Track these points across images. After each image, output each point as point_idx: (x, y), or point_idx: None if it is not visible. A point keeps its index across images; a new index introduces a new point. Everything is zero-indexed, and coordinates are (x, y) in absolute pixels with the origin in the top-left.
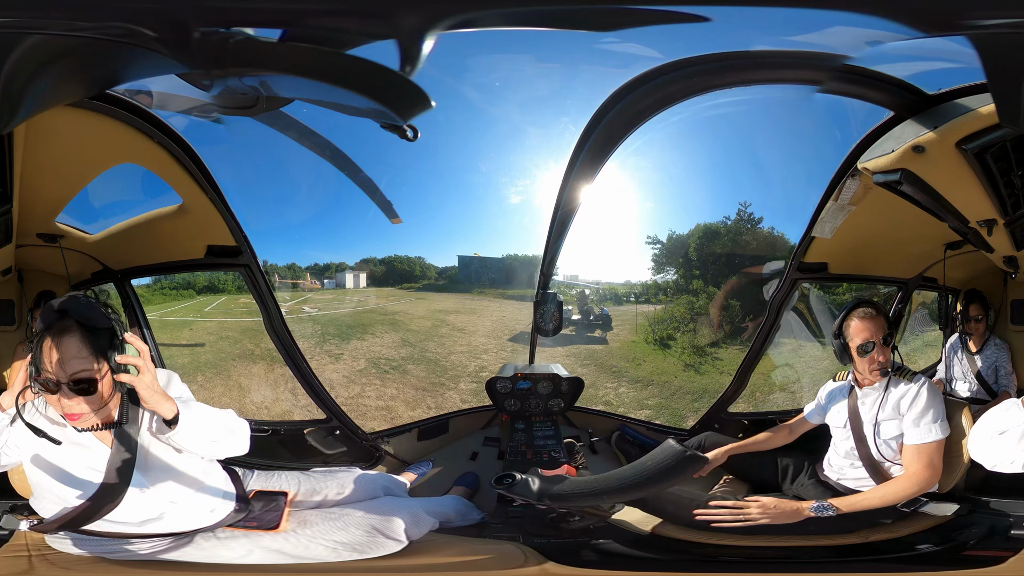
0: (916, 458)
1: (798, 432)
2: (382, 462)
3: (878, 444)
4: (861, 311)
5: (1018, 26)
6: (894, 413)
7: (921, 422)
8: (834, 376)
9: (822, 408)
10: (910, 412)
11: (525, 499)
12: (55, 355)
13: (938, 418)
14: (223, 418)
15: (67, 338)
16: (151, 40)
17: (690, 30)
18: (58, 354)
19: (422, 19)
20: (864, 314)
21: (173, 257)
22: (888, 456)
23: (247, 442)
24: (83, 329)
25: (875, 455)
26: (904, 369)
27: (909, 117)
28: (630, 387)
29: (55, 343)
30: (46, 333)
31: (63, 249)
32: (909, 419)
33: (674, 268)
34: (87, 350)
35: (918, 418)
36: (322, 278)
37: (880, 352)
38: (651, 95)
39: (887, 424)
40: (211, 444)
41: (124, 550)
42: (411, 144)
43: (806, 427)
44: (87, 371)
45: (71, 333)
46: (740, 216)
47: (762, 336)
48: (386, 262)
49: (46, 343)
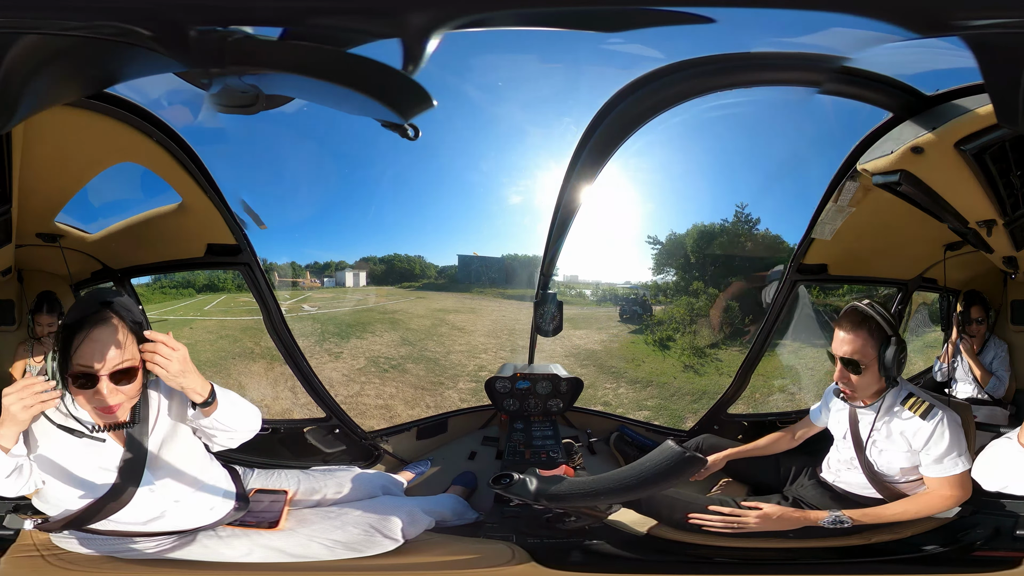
0: (945, 486)
1: (802, 437)
2: (381, 461)
3: (877, 463)
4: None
5: (1014, 26)
6: (902, 444)
7: (945, 460)
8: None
9: (826, 411)
10: (928, 451)
11: (522, 499)
12: (95, 347)
13: (963, 452)
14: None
15: (109, 328)
16: (148, 39)
17: (692, 31)
18: (100, 345)
19: (430, 18)
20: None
21: (173, 256)
22: (889, 473)
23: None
24: (122, 320)
25: (875, 468)
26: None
27: (908, 118)
28: (629, 388)
29: (95, 335)
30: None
31: (63, 249)
32: (929, 458)
33: (674, 269)
34: (129, 340)
35: (941, 457)
36: (322, 276)
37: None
38: (653, 96)
39: (890, 453)
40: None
41: (130, 549)
42: (412, 143)
43: (811, 431)
44: (130, 360)
45: (112, 323)
46: (738, 217)
47: (762, 337)
48: (386, 261)
49: (82, 335)
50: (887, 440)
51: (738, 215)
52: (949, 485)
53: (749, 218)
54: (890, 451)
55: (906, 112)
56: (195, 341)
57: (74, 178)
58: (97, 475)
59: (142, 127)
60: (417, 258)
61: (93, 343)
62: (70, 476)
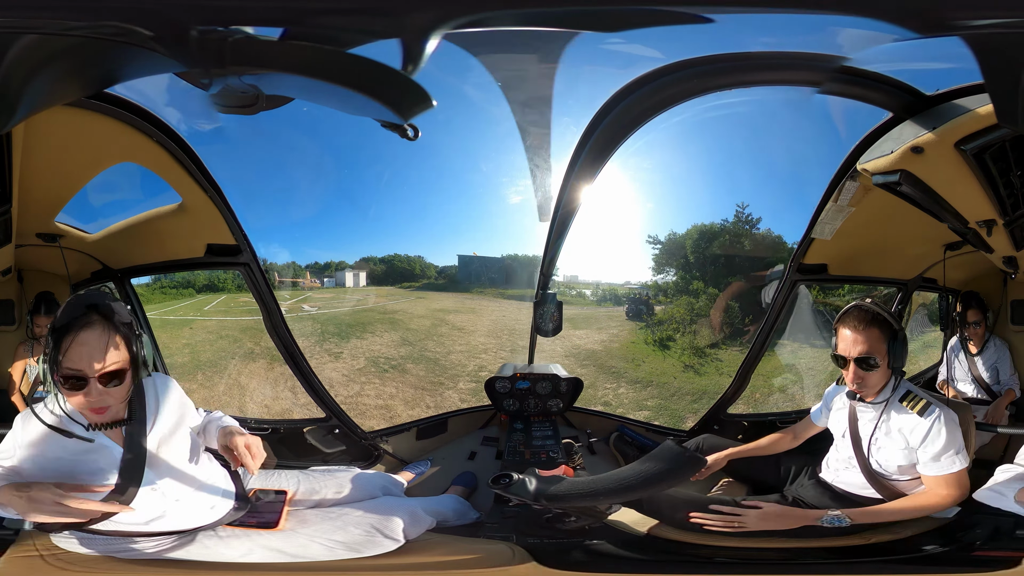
0: (942, 484)
1: (802, 437)
2: (381, 461)
3: (876, 462)
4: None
5: (1014, 26)
6: (900, 440)
7: (942, 457)
8: (838, 379)
9: (827, 411)
10: (925, 448)
11: (522, 499)
12: (83, 350)
13: (960, 450)
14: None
15: (96, 331)
16: (148, 39)
17: (692, 31)
18: (88, 348)
19: (430, 18)
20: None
21: (173, 256)
22: (887, 471)
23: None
24: (110, 322)
25: (874, 467)
26: (914, 396)
27: (908, 118)
28: (629, 388)
29: (83, 338)
30: (71, 328)
31: (63, 249)
32: (926, 456)
33: (674, 269)
34: (117, 342)
35: (938, 455)
36: (322, 277)
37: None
38: (652, 96)
39: (888, 450)
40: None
41: (130, 549)
42: (412, 143)
43: (812, 431)
44: (118, 362)
45: (99, 326)
46: (738, 217)
47: (762, 337)
48: (386, 261)
49: (70, 338)
50: (886, 437)
51: (738, 215)
52: (946, 484)
53: (750, 218)
54: (888, 448)
55: (906, 112)
56: (195, 341)
57: (74, 178)
58: (98, 476)
59: (142, 127)
60: (417, 258)
61: (81, 346)
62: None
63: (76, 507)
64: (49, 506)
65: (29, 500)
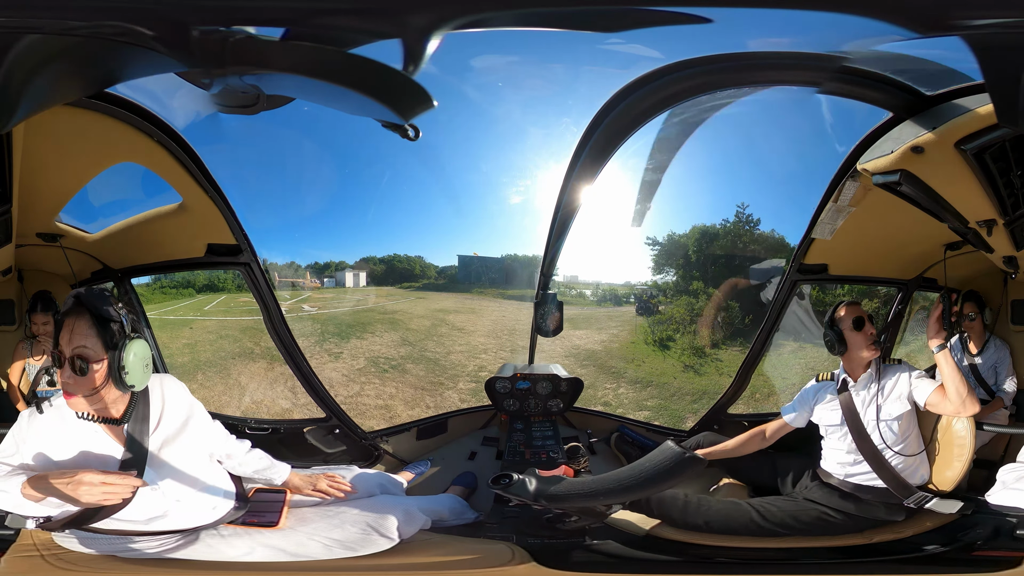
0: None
1: (774, 436)
2: (381, 461)
3: (881, 430)
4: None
5: (1014, 26)
6: (896, 391)
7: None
8: (817, 376)
9: (807, 409)
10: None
11: (522, 499)
12: (63, 330)
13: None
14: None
15: (77, 319)
16: (149, 39)
17: (691, 31)
18: (66, 329)
19: (431, 18)
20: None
21: (173, 256)
22: (890, 441)
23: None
24: (90, 315)
25: (877, 443)
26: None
27: (908, 118)
28: (629, 388)
29: (67, 321)
30: (65, 315)
31: (64, 248)
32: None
33: (673, 269)
34: (90, 332)
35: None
36: (322, 277)
37: (871, 326)
38: (652, 96)
39: (889, 405)
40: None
41: (131, 548)
42: (412, 143)
43: (784, 430)
44: (84, 348)
45: (80, 315)
46: (739, 217)
47: (762, 337)
48: (386, 261)
49: (64, 323)
50: (883, 395)
51: (739, 215)
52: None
53: (750, 218)
54: (888, 404)
55: (906, 112)
56: (195, 341)
57: (74, 178)
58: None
59: (142, 127)
60: (417, 258)
61: (63, 327)
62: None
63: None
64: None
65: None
